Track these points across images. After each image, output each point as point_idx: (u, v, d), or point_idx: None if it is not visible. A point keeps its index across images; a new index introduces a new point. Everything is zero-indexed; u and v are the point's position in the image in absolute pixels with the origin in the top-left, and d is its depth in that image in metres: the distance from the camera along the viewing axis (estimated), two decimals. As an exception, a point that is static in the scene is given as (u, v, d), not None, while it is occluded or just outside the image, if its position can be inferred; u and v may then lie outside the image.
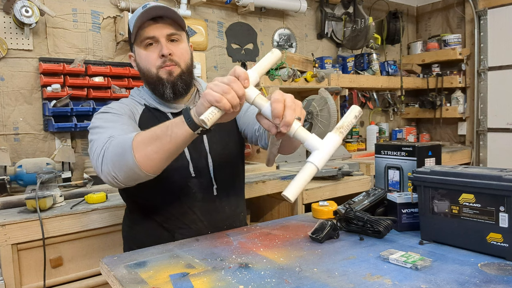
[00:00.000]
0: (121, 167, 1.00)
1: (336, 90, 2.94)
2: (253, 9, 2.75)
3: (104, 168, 1.03)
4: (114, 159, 1.01)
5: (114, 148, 1.02)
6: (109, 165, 1.02)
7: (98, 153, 1.05)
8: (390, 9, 3.65)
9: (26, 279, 1.50)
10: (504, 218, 0.94)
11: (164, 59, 1.22)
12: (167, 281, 0.87)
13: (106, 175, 1.04)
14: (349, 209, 1.20)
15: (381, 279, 0.85)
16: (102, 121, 1.16)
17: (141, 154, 0.97)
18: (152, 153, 0.97)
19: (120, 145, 1.01)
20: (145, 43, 1.23)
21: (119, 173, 1.01)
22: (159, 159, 0.99)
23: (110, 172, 1.02)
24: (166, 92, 1.24)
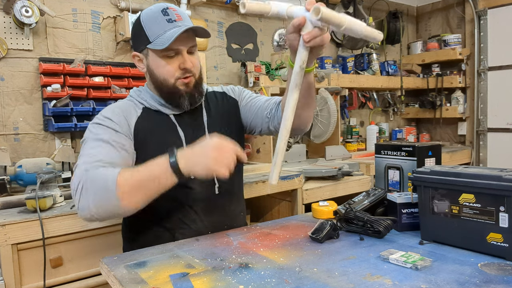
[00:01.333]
0: (104, 209, 1.03)
1: (336, 90, 2.94)
2: (253, 9, 2.74)
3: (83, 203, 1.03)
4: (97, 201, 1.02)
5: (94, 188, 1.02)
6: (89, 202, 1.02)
7: (75, 186, 1.04)
8: (390, 9, 3.65)
9: (26, 279, 1.50)
10: (504, 218, 0.94)
11: (184, 71, 1.23)
12: (167, 281, 0.87)
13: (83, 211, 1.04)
14: (349, 209, 1.20)
15: (381, 279, 0.85)
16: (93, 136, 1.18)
17: (127, 201, 1.02)
18: (139, 199, 1.04)
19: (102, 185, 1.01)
20: (166, 54, 1.21)
21: (101, 214, 1.04)
22: (144, 201, 1.05)
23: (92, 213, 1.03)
24: (184, 103, 1.25)
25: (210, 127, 1.33)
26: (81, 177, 1.04)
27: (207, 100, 1.39)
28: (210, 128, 1.33)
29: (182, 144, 1.27)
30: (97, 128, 1.20)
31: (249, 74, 2.65)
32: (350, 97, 3.32)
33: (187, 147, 1.06)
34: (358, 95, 3.39)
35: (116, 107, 1.27)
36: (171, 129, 1.28)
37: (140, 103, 1.29)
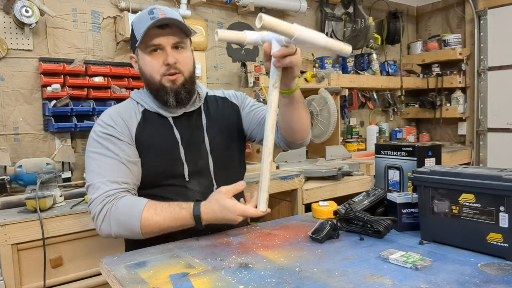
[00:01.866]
0: (124, 236, 1.17)
1: (336, 90, 2.93)
2: (253, 9, 2.74)
3: (106, 228, 1.14)
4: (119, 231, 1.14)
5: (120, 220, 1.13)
6: (113, 230, 1.14)
7: (97, 212, 1.14)
8: (390, 9, 3.65)
9: (26, 279, 1.50)
10: (504, 218, 0.94)
11: (168, 67, 1.24)
12: (167, 281, 0.87)
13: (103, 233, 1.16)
14: (349, 209, 1.20)
15: (381, 279, 0.85)
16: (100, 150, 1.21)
17: (148, 234, 1.14)
18: (158, 233, 1.15)
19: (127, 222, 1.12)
20: (149, 49, 1.24)
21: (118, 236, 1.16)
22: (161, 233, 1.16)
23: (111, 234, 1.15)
24: (169, 100, 1.26)
25: (208, 129, 1.34)
26: (103, 205, 1.14)
27: (207, 103, 1.40)
28: (208, 131, 1.33)
29: (178, 146, 1.28)
30: (102, 138, 1.22)
31: (249, 74, 2.65)
32: (350, 97, 3.32)
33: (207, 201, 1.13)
34: (358, 95, 3.39)
35: (117, 112, 1.28)
36: (168, 132, 1.29)
37: (141, 105, 1.31)
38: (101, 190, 1.15)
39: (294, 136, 1.32)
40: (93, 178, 1.18)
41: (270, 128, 1.05)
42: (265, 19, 0.86)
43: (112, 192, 1.15)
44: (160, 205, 1.13)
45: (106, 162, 1.19)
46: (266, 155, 1.05)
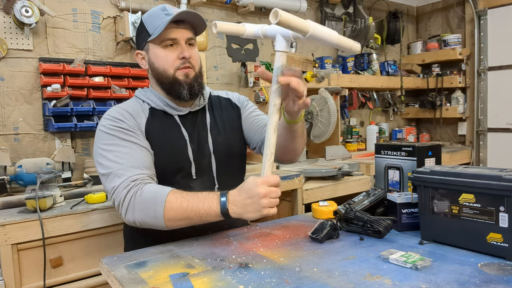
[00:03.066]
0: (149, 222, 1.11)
1: (336, 90, 2.93)
2: (253, 9, 2.74)
3: (130, 216, 1.12)
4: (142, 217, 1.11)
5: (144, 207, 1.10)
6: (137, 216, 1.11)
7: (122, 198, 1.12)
8: (390, 9, 3.65)
9: (26, 279, 1.50)
10: (504, 218, 0.94)
11: (183, 60, 1.25)
12: (167, 281, 0.87)
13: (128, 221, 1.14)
14: (349, 209, 1.20)
15: (381, 279, 0.85)
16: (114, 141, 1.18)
17: (170, 223, 1.10)
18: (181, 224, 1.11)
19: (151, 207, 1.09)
20: (165, 44, 1.25)
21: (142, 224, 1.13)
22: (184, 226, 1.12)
23: (135, 221, 1.12)
24: (183, 93, 1.26)
25: (212, 129, 1.34)
26: (128, 190, 1.11)
27: (211, 103, 1.41)
28: (212, 131, 1.34)
29: (186, 144, 1.28)
30: (114, 130, 1.20)
31: (249, 74, 2.65)
32: (350, 97, 3.32)
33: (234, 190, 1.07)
34: (358, 95, 3.39)
35: (124, 109, 1.27)
36: (176, 130, 1.29)
37: (147, 103, 1.30)
38: (124, 176, 1.12)
39: (283, 157, 1.35)
40: (111, 166, 1.15)
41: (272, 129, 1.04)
42: (281, 15, 0.85)
43: (136, 177, 1.13)
44: (186, 192, 1.10)
45: (123, 151, 1.17)
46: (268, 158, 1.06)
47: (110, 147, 1.18)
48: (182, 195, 1.08)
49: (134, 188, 1.10)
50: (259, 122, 1.41)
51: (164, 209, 1.07)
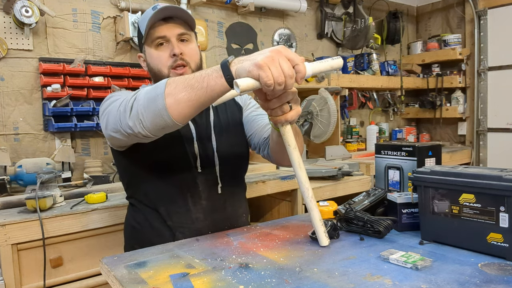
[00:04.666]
0: (150, 111, 0.96)
1: (336, 90, 2.94)
2: (253, 9, 2.74)
3: (133, 112, 0.98)
4: (145, 104, 0.97)
5: (146, 93, 0.98)
6: (139, 109, 0.97)
7: (127, 101, 1.01)
8: (390, 9, 3.65)
9: (26, 279, 1.50)
10: (504, 218, 0.94)
11: (175, 58, 1.23)
12: (167, 281, 0.87)
13: (133, 120, 0.99)
14: (349, 209, 1.20)
15: (381, 279, 0.85)
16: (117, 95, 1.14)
17: (172, 100, 0.93)
18: (184, 99, 0.93)
19: (153, 90, 0.97)
20: (156, 43, 1.24)
21: (146, 117, 0.97)
22: (190, 107, 0.94)
23: (138, 116, 0.97)
24: None
25: (215, 127, 1.33)
26: (134, 94, 1.01)
27: None
28: (215, 128, 1.33)
29: (192, 137, 1.28)
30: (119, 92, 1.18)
31: (249, 74, 2.65)
32: (350, 97, 3.32)
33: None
34: (358, 95, 3.39)
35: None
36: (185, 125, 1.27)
37: None
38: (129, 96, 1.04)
39: (282, 162, 1.32)
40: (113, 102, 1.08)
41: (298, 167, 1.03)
42: (240, 84, 0.85)
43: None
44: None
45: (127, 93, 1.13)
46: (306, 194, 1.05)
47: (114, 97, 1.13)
48: (183, 75, 1.01)
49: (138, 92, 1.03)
50: (259, 121, 1.38)
51: (165, 85, 0.95)
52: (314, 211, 1.04)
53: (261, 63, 0.85)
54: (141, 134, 1.00)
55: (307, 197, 1.04)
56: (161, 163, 1.24)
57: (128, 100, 1.02)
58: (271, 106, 0.99)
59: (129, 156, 1.27)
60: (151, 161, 1.25)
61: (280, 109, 0.99)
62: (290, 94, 0.98)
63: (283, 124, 1.02)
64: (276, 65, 0.86)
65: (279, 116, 1.00)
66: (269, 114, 1.02)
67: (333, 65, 1.01)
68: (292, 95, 0.99)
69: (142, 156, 1.24)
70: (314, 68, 0.98)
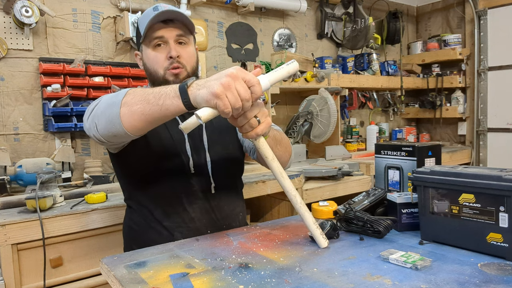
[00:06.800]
0: (104, 116, 0.99)
1: (336, 90, 2.94)
2: (253, 9, 2.74)
3: (91, 115, 1.04)
4: (102, 108, 1.01)
5: (107, 98, 1.02)
6: (97, 112, 1.02)
7: (91, 108, 1.05)
8: (390, 9, 3.65)
9: (26, 279, 1.50)
10: (504, 218, 0.94)
11: (171, 60, 1.23)
12: (167, 281, 0.87)
13: (89, 123, 1.05)
14: (349, 209, 1.20)
15: (381, 279, 0.85)
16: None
17: (126, 109, 0.96)
18: (138, 112, 0.95)
19: (114, 96, 1.00)
20: (153, 43, 1.24)
21: (100, 121, 1.01)
22: (142, 120, 0.97)
23: (94, 119, 1.02)
24: None
25: (207, 127, 1.34)
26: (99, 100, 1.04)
27: None
28: (207, 128, 1.33)
29: (184, 140, 1.28)
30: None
31: (249, 74, 2.65)
32: (350, 97, 3.32)
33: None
34: (358, 95, 3.39)
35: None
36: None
37: None
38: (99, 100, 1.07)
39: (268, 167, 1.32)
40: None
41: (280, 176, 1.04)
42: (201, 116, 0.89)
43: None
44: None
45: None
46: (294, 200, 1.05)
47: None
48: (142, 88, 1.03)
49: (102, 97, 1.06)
50: None
51: (124, 94, 0.97)
52: (306, 216, 1.04)
53: (218, 92, 0.86)
54: (95, 138, 1.05)
55: (296, 203, 1.05)
56: (154, 165, 1.25)
57: (90, 108, 1.05)
58: (239, 124, 0.98)
59: (124, 159, 1.28)
60: (145, 164, 1.25)
61: (248, 125, 0.97)
62: (255, 108, 0.96)
63: (256, 139, 1.02)
64: (232, 91, 0.87)
65: (249, 132, 0.99)
66: (239, 131, 1.02)
67: (290, 71, 1.00)
68: (257, 109, 0.97)
69: (136, 159, 1.25)
70: (271, 79, 0.97)
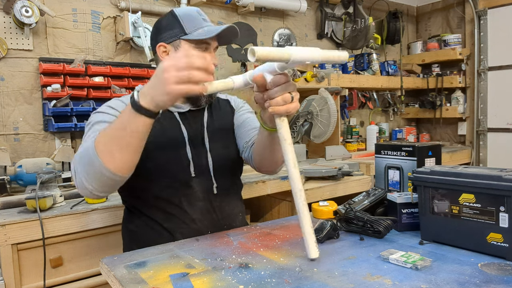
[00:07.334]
0: (94, 176, 0.97)
1: (336, 90, 2.94)
2: (253, 9, 2.74)
3: (78, 181, 1.00)
4: (85, 170, 0.98)
5: (81, 159, 0.99)
6: (82, 178, 0.98)
7: (72, 169, 1.04)
8: (390, 9, 3.65)
9: (26, 279, 1.50)
10: (504, 218, 0.94)
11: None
12: (167, 281, 0.87)
13: (82, 190, 1.01)
14: (349, 209, 1.20)
15: (381, 279, 0.85)
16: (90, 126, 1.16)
17: (107, 158, 0.93)
18: (118, 153, 0.94)
19: (85, 153, 0.98)
20: (200, 47, 1.25)
21: (94, 183, 0.98)
22: (127, 157, 0.95)
23: (86, 185, 0.99)
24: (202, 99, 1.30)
25: (208, 128, 1.34)
26: (74, 159, 1.03)
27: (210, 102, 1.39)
28: (208, 129, 1.34)
29: (184, 141, 1.28)
30: (99, 115, 1.20)
31: (249, 74, 2.65)
32: (350, 97, 3.32)
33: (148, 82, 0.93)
34: (358, 95, 3.39)
35: (122, 101, 1.27)
36: (176, 127, 1.29)
37: None
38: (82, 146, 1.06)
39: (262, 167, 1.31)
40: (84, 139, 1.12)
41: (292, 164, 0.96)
42: (257, 50, 0.83)
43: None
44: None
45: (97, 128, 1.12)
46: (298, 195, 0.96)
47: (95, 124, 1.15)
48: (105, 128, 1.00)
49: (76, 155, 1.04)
50: (246, 125, 1.38)
51: (94, 145, 0.95)
52: (305, 217, 0.95)
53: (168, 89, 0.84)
54: (97, 196, 1.03)
55: (299, 199, 0.96)
56: (154, 167, 1.24)
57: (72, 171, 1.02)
58: (272, 94, 0.95)
59: None
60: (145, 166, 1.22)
61: (282, 99, 0.94)
62: (291, 86, 0.96)
63: (282, 115, 0.96)
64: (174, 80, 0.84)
65: (280, 106, 0.94)
66: (269, 104, 0.96)
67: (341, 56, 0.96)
68: (293, 88, 0.96)
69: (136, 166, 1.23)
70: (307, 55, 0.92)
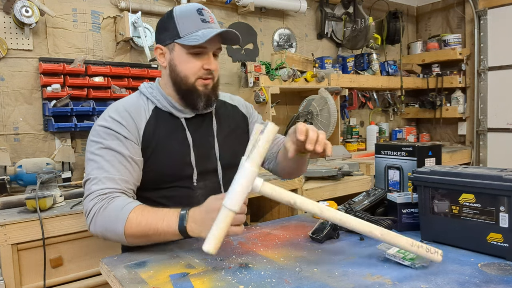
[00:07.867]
0: (110, 237, 1.09)
1: (336, 90, 2.94)
2: (253, 9, 2.74)
3: (92, 228, 1.10)
4: (105, 229, 1.08)
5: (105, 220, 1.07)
6: (98, 230, 1.09)
7: (88, 209, 1.09)
8: (390, 9, 3.65)
9: (26, 279, 1.50)
10: (504, 218, 0.94)
11: (207, 71, 1.22)
12: (167, 281, 0.87)
13: (91, 231, 1.11)
14: (349, 209, 1.20)
15: (381, 279, 0.85)
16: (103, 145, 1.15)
17: (131, 240, 1.06)
18: (142, 242, 1.09)
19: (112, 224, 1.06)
20: (193, 51, 1.20)
21: (105, 237, 1.10)
22: (145, 243, 1.10)
23: (97, 233, 1.10)
24: (199, 103, 1.24)
25: (218, 135, 1.31)
26: (95, 203, 1.08)
27: (217, 108, 1.36)
28: (218, 136, 1.31)
29: (190, 149, 1.25)
30: (106, 133, 1.17)
31: (249, 74, 2.65)
32: (350, 97, 3.32)
33: (196, 208, 1.01)
34: (358, 95, 3.39)
35: (124, 108, 1.21)
36: (180, 133, 1.25)
37: (151, 102, 1.26)
38: (97, 186, 1.09)
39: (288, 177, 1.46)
40: (91, 172, 1.13)
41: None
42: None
43: (107, 190, 1.09)
44: (148, 209, 1.06)
45: (106, 158, 1.14)
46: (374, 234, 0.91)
47: (97, 151, 1.15)
48: (143, 212, 1.05)
49: (101, 202, 1.08)
50: None
51: (124, 227, 1.04)
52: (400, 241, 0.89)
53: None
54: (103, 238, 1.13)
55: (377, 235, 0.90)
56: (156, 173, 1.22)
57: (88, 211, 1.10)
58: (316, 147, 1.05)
59: None
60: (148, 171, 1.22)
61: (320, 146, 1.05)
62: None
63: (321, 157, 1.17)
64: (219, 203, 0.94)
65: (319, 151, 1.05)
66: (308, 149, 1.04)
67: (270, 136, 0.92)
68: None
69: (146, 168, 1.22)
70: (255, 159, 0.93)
